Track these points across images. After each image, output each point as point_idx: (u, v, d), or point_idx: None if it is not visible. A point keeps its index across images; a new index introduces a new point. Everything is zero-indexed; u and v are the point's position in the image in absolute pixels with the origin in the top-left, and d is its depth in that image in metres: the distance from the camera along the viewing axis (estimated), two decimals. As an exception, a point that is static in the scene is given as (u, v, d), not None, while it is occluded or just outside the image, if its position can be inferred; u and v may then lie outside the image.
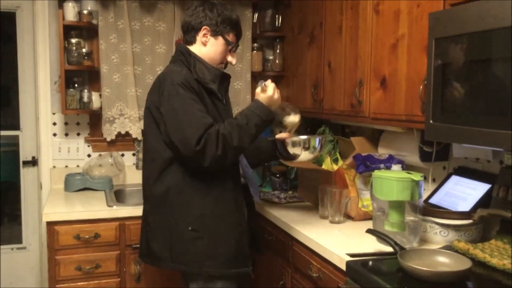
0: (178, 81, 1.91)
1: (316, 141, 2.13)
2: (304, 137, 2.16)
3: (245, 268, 2.04)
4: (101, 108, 3.11)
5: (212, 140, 1.84)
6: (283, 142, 2.13)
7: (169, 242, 1.98)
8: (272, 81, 2.03)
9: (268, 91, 1.98)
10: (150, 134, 2.03)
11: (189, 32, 2.08)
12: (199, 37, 2.06)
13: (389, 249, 1.79)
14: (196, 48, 2.07)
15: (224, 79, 2.11)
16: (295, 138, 2.14)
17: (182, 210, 1.97)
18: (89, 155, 3.21)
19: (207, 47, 2.06)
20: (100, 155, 3.17)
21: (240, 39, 2.15)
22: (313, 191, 2.60)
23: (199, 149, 1.82)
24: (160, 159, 1.98)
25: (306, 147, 2.12)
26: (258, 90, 2.00)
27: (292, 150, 2.12)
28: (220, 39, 2.05)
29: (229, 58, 2.10)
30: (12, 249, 3.30)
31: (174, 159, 1.96)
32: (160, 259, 2.02)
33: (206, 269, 1.97)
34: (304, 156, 2.13)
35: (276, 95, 2.00)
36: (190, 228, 1.95)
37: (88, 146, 3.21)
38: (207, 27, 2.04)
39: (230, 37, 2.08)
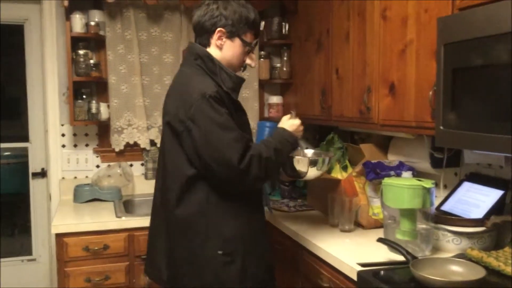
0: (211, 93, 1.72)
1: (325, 159, 2.06)
2: (311, 151, 2.11)
3: (275, 284, 1.97)
4: (109, 118, 3.12)
5: (257, 161, 1.71)
6: (289, 159, 2.00)
7: (197, 268, 1.80)
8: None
9: (296, 119, 1.96)
10: (171, 151, 1.83)
11: (202, 34, 1.88)
12: (214, 40, 1.86)
13: (400, 258, 1.76)
14: (211, 52, 1.86)
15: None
16: (303, 158, 2.06)
17: (210, 233, 1.79)
18: (97, 166, 3.21)
19: (223, 51, 1.86)
20: (108, 165, 3.17)
21: (258, 36, 1.95)
22: (323, 199, 2.58)
23: (242, 168, 1.68)
24: (182, 177, 1.79)
25: (313, 164, 2.03)
26: (285, 118, 1.97)
27: (298, 167, 2.02)
28: (237, 41, 1.86)
29: (248, 61, 1.92)
30: (22, 261, 3.31)
31: (197, 177, 1.78)
32: (187, 286, 1.83)
33: None
34: (311, 173, 2.04)
35: (302, 127, 1.97)
36: (220, 253, 1.78)
37: (97, 156, 3.22)
38: (222, 29, 1.83)
39: (248, 37, 1.87)
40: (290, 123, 1.94)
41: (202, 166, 1.75)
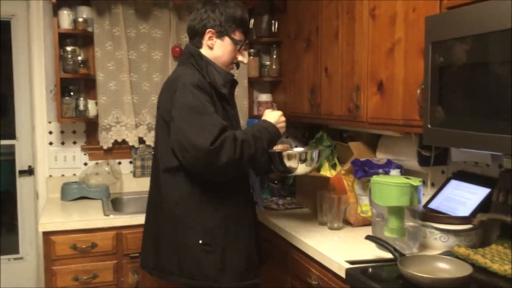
0: (192, 82, 1.84)
1: (313, 153, 2.08)
2: (300, 149, 2.12)
3: (256, 279, 1.99)
4: (97, 116, 3.09)
5: (230, 142, 1.75)
6: (279, 155, 2.05)
7: (179, 256, 1.91)
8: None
9: (277, 111, 2.01)
10: (160, 141, 1.97)
11: (195, 37, 2.01)
12: (205, 41, 1.98)
13: (388, 255, 1.77)
14: (204, 52, 1.99)
15: (233, 83, 2.06)
16: (291, 151, 2.08)
17: (191, 223, 1.89)
18: (85, 164, 3.19)
19: (214, 50, 1.98)
20: (96, 163, 3.15)
21: (248, 35, 2.06)
22: (312, 197, 2.59)
23: (213, 148, 1.72)
24: (166, 168, 1.92)
25: (303, 159, 2.05)
26: (268, 111, 2.02)
27: (288, 163, 2.05)
28: (227, 40, 1.98)
29: (240, 58, 2.03)
30: (9, 259, 3.27)
31: (180, 168, 1.87)
32: (170, 273, 1.95)
33: (219, 284, 1.89)
34: (301, 169, 2.07)
35: (283, 118, 2.00)
36: (201, 242, 1.88)
37: (85, 154, 3.19)
38: (211, 30, 1.96)
39: (237, 35, 1.99)
40: (272, 114, 1.99)
41: (180, 153, 1.81)
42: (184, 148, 1.78)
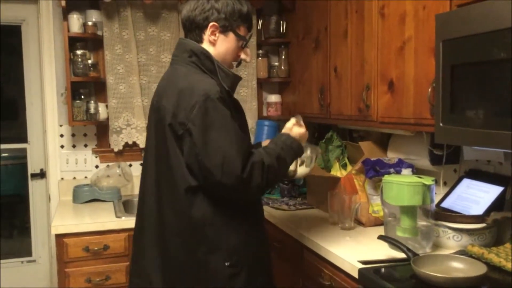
0: (215, 94, 1.60)
1: (310, 155, 2.03)
2: None
3: None
4: (107, 119, 3.11)
5: (259, 170, 1.60)
6: None
7: (202, 284, 1.67)
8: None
9: (302, 128, 1.84)
10: (172, 155, 1.67)
11: (193, 30, 1.76)
12: (206, 36, 1.75)
13: (401, 255, 1.76)
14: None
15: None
16: None
17: (215, 244, 1.66)
18: (97, 166, 3.21)
19: (217, 46, 1.75)
20: (107, 166, 3.17)
21: (251, 30, 1.85)
22: (323, 197, 2.58)
23: (245, 176, 1.57)
24: (184, 186, 1.65)
25: (302, 161, 1.99)
26: (290, 124, 1.83)
27: None
28: (231, 35, 1.76)
29: (243, 56, 1.82)
30: (22, 262, 3.30)
31: (200, 187, 1.65)
32: None
33: None
34: (301, 171, 2.00)
35: (307, 135, 1.88)
36: (227, 264, 1.66)
37: (96, 157, 3.21)
38: (215, 23, 1.73)
39: (242, 31, 1.78)
40: (296, 131, 1.83)
41: (201, 173, 1.62)
42: (208, 172, 1.59)
